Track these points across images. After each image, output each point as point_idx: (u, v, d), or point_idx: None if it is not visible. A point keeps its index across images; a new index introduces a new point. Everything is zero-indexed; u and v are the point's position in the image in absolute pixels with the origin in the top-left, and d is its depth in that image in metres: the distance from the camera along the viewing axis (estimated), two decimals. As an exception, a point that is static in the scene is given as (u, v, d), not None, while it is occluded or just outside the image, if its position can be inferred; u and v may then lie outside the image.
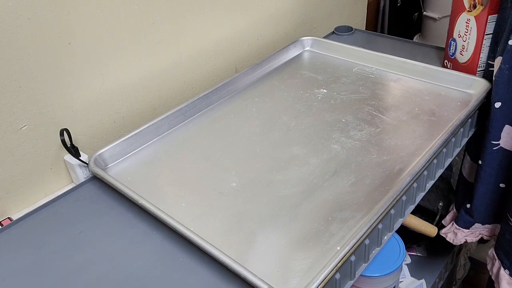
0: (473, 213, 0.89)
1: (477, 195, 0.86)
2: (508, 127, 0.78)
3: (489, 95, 0.81)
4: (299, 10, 1.15)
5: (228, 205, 0.65)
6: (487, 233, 0.92)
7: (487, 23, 0.82)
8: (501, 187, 0.84)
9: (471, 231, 0.92)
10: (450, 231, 0.95)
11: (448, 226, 0.96)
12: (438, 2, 1.54)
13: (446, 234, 0.96)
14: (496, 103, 0.77)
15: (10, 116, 0.68)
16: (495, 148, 0.80)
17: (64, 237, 0.63)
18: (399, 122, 0.79)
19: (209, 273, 0.56)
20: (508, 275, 0.84)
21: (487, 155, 0.81)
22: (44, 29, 0.68)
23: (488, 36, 0.83)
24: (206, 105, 0.87)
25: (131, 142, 0.77)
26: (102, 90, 0.79)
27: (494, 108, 0.77)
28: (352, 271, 0.58)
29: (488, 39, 0.84)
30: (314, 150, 0.74)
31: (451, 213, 0.99)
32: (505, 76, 0.75)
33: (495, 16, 0.81)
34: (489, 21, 0.82)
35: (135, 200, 0.64)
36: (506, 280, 0.84)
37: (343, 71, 0.96)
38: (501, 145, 0.79)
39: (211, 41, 0.96)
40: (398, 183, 0.65)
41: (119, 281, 0.56)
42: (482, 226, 0.91)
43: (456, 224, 0.93)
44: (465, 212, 0.91)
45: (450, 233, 0.95)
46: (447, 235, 0.96)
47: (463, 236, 0.93)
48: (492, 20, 0.82)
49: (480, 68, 0.87)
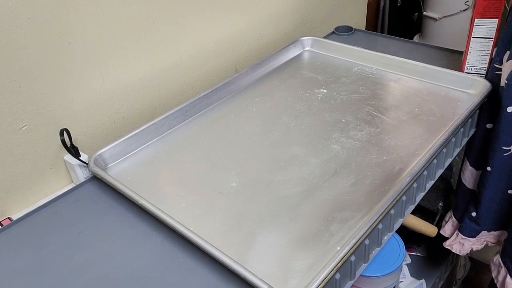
0: (479, 221, 0.87)
1: (484, 202, 0.84)
2: None
3: (490, 95, 0.81)
4: (299, 10, 1.15)
5: (228, 205, 0.65)
6: (492, 240, 0.90)
7: (473, 26, 0.82)
8: (510, 194, 0.81)
9: (477, 239, 0.90)
10: (456, 242, 0.93)
11: (452, 238, 0.93)
12: (438, 2, 1.54)
13: (451, 246, 0.93)
14: (509, 107, 0.74)
15: (10, 116, 0.68)
16: (506, 154, 0.77)
17: (64, 237, 0.63)
18: (399, 122, 0.79)
19: (209, 273, 0.56)
20: None
21: (496, 160, 0.79)
22: (44, 29, 0.68)
23: (476, 39, 0.83)
24: (206, 105, 0.87)
25: (131, 142, 0.77)
26: (102, 90, 0.79)
27: (506, 112, 0.75)
28: (352, 271, 0.58)
29: (475, 43, 0.84)
30: (314, 150, 0.74)
31: (450, 223, 0.96)
32: None
33: (481, 20, 0.81)
34: (475, 24, 0.82)
35: (135, 200, 0.64)
36: None
37: (343, 71, 0.96)
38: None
39: (211, 41, 0.96)
40: (398, 183, 0.65)
41: (119, 281, 0.56)
42: (488, 233, 0.89)
43: (461, 234, 0.91)
44: (470, 221, 0.88)
45: (456, 244, 0.93)
46: (452, 247, 0.93)
47: (469, 245, 0.90)
48: (479, 24, 0.81)
49: (468, 70, 0.88)
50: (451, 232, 0.96)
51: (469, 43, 0.85)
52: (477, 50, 0.85)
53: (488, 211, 0.85)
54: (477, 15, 0.81)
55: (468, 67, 0.87)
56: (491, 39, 0.83)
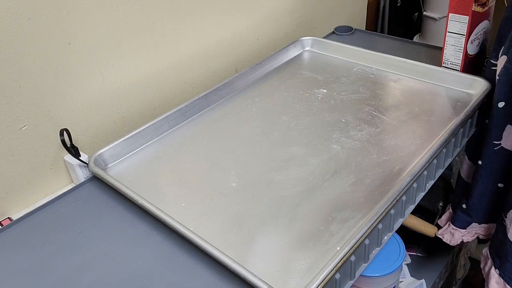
0: (470, 213, 0.89)
1: (475, 195, 0.86)
2: (510, 127, 0.77)
3: (490, 94, 0.81)
4: (299, 10, 1.15)
5: (228, 205, 0.65)
6: (483, 233, 0.92)
7: (448, 21, 0.85)
8: (500, 187, 0.83)
9: (468, 231, 0.92)
10: (447, 232, 0.95)
11: (444, 227, 0.96)
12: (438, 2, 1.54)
13: (442, 235, 0.96)
14: (500, 102, 0.76)
15: (10, 116, 0.68)
16: (496, 148, 0.79)
17: (64, 237, 0.63)
18: (399, 122, 0.79)
19: (209, 273, 0.56)
20: (498, 275, 0.84)
21: (487, 154, 0.81)
22: (44, 29, 0.68)
23: (450, 34, 0.86)
24: (206, 105, 0.87)
25: (131, 142, 0.77)
26: (102, 90, 0.79)
27: (497, 107, 0.77)
28: (352, 271, 0.58)
29: (451, 38, 0.86)
30: (314, 150, 0.74)
31: (447, 214, 0.99)
32: (510, 75, 0.73)
33: (455, 15, 0.83)
34: (450, 19, 0.85)
35: (135, 200, 0.64)
36: (495, 279, 0.84)
37: (343, 71, 0.95)
38: (502, 145, 0.79)
39: (211, 41, 0.96)
40: (398, 183, 0.65)
41: (119, 281, 0.56)
42: (479, 226, 0.91)
43: (452, 224, 0.93)
44: (461, 212, 0.91)
45: (447, 234, 0.95)
46: (443, 236, 0.95)
47: (460, 236, 0.93)
48: (452, 19, 0.84)
49: (445, 64, 0.90)
50: (446, 222, 0.97)
51: (445, 38, 0.88)
52: (452, 45, 0.87)
53: (478, 204, 0.87)
54: (451, 10, 0.84)
55: (445, 61, 0.90)
56: (463, 35, 0.85)
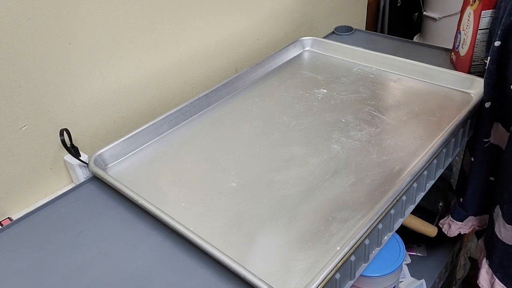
0: (466, 207, 0.91)
1: (469, 189, 0.89)
2: (497, 124, 0.80)
3: None
4: (299, 10, 1.15)
5: (228, 205, 0.65)
6: (478, 224, 0.94)
7: (480, 18, 0.83)
8: (491, 180, 0.86)
9: (465, 223, 0.94)
10: (446, 223, 0.97)
11: (445, 218, 0.99)
12: (438, 2, 1.54)
13: (442, 225, 0.98)
14: (486, 103, 0.78)
15: (10, 116, 0.68)
16: (486, 145, 0.82)
17: (64, 237, 0.63)
18: (399, 122, 0.79)
19: (209, 273, 0.56)
20: (488, 265, 0.86)
21: (479, 151, 0.84)
22: (44, 29, 0.68)
23: (482, 31, 0.84)
24: (206, 105, 0.87)
25: (131, 142, 0.77)
26: (102, 90, 0.79)
27: (484, 107, 0.79)
28: (352, 271, 0.58)
29: (482, 34, 0.85)
30: (314, 150, 0.74)
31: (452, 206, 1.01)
32: (493, 77, 0.76)
33: (488, 11, 0.82)
34: (482, 16, 0.83)
35: (135, 200, 0.64)
36: (485, 269, 0.86)
37: (343, 71, 0.95)
38: (491, 141, 0.82)
39: (211, 41, 0.96)
40: (398, 183, 0.65)
41: (119, 281, 0.56)
42: (474, 218, 0.93)
43: (451, 216, 0.95)
44: (459, 206, 0.93)
45: (446, 225, 0.97)
46: (443, 226, 0.98)
47: (456, 228, 0.95)
48: (485, 16, 0.83)
49: (475, 62, 0.88)
50: None
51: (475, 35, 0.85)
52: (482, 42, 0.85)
53: (473, 197, 0.90)
54: (484, 6, 0.82)
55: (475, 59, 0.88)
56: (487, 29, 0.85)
